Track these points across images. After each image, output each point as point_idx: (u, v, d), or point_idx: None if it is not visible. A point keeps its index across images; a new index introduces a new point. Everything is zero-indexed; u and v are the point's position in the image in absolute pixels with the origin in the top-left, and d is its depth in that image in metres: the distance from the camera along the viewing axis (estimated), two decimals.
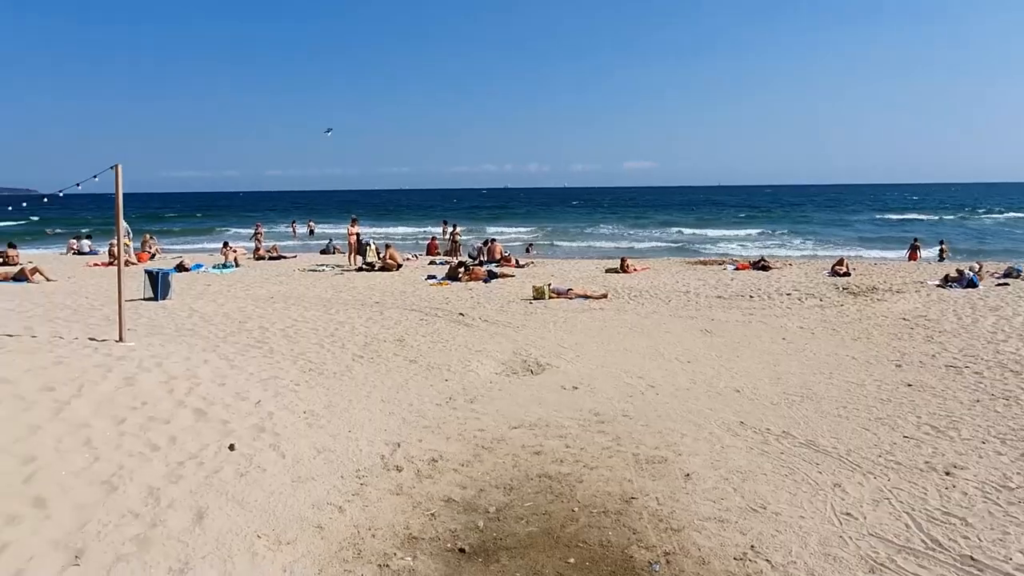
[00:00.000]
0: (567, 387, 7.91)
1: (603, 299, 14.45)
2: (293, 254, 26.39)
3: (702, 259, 23.80)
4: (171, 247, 31.84)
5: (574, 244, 36.01)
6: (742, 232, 43.14)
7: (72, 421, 6.10)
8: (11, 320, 11.34)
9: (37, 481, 4.91)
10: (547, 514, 4.78)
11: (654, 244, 35.95)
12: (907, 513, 4.78)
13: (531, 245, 29.39)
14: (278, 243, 29.95)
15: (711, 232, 44.01)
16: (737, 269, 19.78)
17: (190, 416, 6.48)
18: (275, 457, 5.64)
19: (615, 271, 19.35)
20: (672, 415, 6.90)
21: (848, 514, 4.77)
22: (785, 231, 43.43)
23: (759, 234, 41.95)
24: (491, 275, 18.18)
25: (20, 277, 17.62)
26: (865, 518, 4.71)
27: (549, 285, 14.96)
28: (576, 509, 4.85)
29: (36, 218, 57.34)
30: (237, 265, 21.77)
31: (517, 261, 22.00)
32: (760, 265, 19.80)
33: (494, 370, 8.75)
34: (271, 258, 24.64)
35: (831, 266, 18.85)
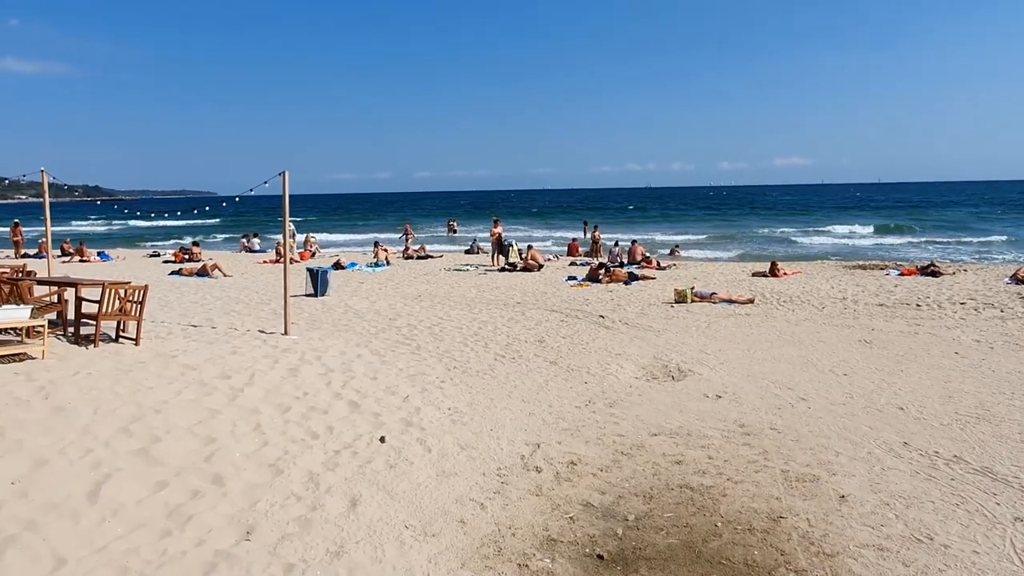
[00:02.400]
0: (710, 395, 7.67)
1: (749, 304, 13.86)
2: (439, 253, 27.43)
3: (861, 263, 22.18)
4: (328, 246, 34.11)
5: (719, 246, 34.74)
6: (901, 235, 39.76)
7: (245, 407, 6.72)
8: (195, 312, 12.63)
9: (216, 460, 5.45)
10: (688, 527, 4.66)
11: (805, 246, 33.94)
12: None
13: (676, 247, 28.69)
14: (426, 244, 31.21)
15: (865, 231, 40.92)
16: (902, 274, 18.26)
17: (345, 408, 6.92)
18: (421, 451, 5.90)
19: (763, 275, 18.49)
20: (825, 431, 6.50)
21: None
22: (952, 231, 39.54)
23: (921, 235, 38.45)
24: (632, 277, 17.97)
25: (202, 272, 19.58)
26: None
27: (692, 288, 14.56)
28: (719, 524, 4.69)
29: (216, 220, 63.40)
30: (388, 264, 22.95)
31: (658, 263, 21.59)
32: (929, 270, 18.15)
33: (634, 374, 8.65)
34: (419, 257, 25.74)
35: (1013, 272, 16.92)
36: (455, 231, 42.12)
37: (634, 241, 23.81)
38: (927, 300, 13.89)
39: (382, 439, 6.10)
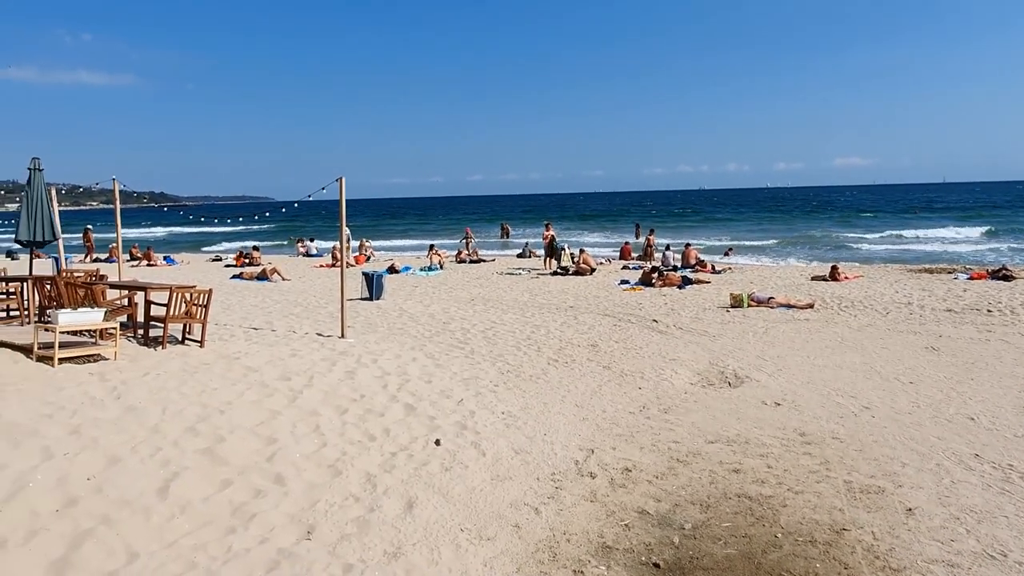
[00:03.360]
0: (768, 403, 7.51)
1: (809, 309, 13.51)
2: (492, 257, 27.57)
3: (927, 266, 21.37)
4: (383, 250, 34.65)
5: (776, 249, 33.96)
6: (972, 235, 38.17)
7: (304, 408, 6.88)
8: (256, 315, 13.00)
9: (277, 460, 5.60)
10: (747, 537, 4.57)
11: (867, 249, 32.90)
12: None
13: (730, 250, 28.19)
14: (478, 247, 31.40)
15: (931, 234, 39.39)
16: (971, 279, 17.53)
17: (401, 410, 7.02)
18: (476, 455, 5.94)
19: (823, 279, 18.00)
20: (890, 441, 6.29)
21: None
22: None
23: (993, 238, 36.82)
24: (686, 281, 17.73)
25: (262, 276, 20.13)
26: None
27: (749, 293, 14.27)
28: (779, 535, 4.59)
29: (271, 226, 65.08)
30: (441, 268, 23.18)
31: (713, 267, 21.25)
32: (1001, 274, 17.38)
33: (689, 380, 8.53)
34: (471, 261, 25.92)
35: None
36: (508, 235, 42.27)
37: (688, 244, 23.49)
38: (999, 305, 13.30)
39: (437, 442, 6.16)
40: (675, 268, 21.05)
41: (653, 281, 17.59)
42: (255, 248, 27.14)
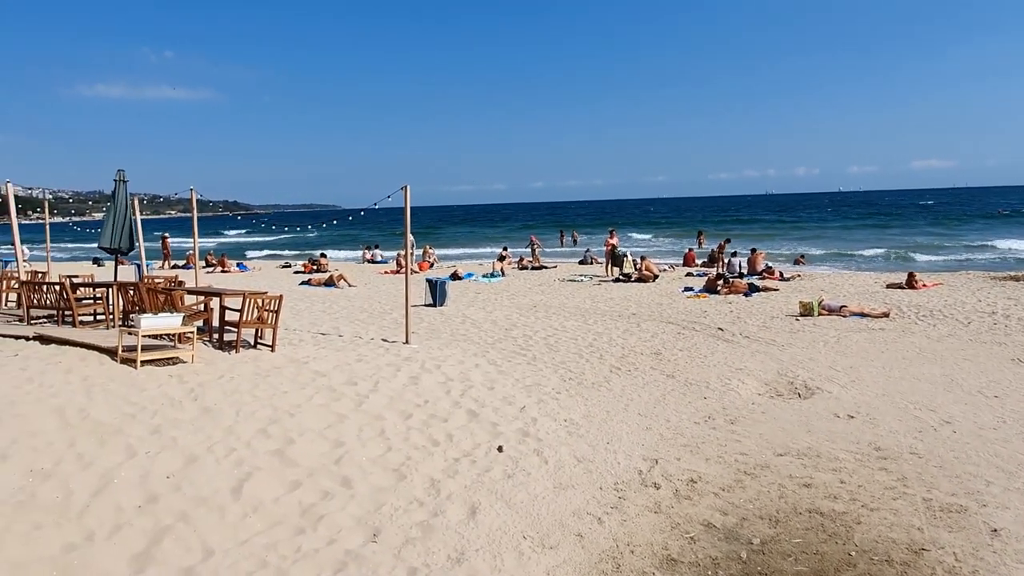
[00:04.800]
0: (841, 415, 7.25)
1: (884, 318, 13.00)
2: (553, 264, 27.55)
3: (1012, 273, 20.26)
4: (446, 257, 35.05)
5: (848, 255, 32.80)
6: None
7: (370, 413, 7.02)
8: (324, 320, 13.34)
9: (344, 463, 5.73)
10: (819, 555, 4.43)
11: (947, 255, 31.44)
12: None
13: (801, 257, 27.35)
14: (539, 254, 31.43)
15: (1019, 241, 37.28)
16: None
17: (464, 416, 7.08)
18: (538, 462, 5.94)
19: (899, 286, 17.30)
20: (974, 458, 5.99)
21: None
22: None
23: None
24: (752, 288, 17.32)
25: (329, 283, 20.65)
26: None
27: (819, 301, 13.84)
28: (853, 553, 4.43)
29: (340, 233, 66.66)
30: (503, 274, 23.30)
31: (781, 274, 20.68)
32: None
33: (756, 390, 8.32)
34: (533, 268, 25.96)
35: None
36: (576, 241, 42.19)
37: (754, 250, 22.93)
38: None
39: (500, 448, 6.19)
40: (741, 275, 20.58)
41: (718, 288, 17.25)
42: (322, 255, 27.86)
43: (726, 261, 22.47)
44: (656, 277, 20.73)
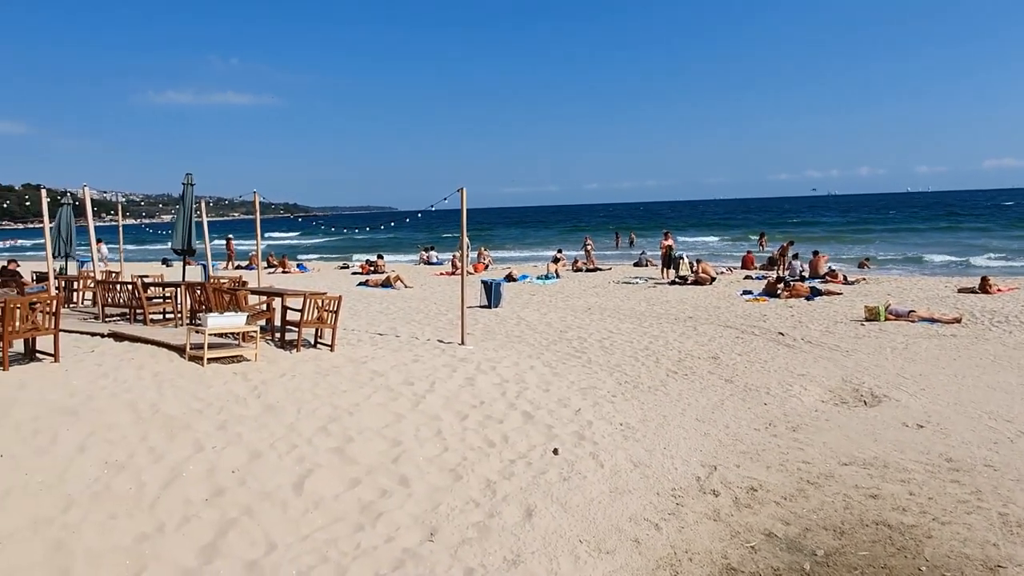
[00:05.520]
0: (909, 424, 6.99)
1: (955, 324, 12.46)
2: (608, 266, 27.36)
3: None
4: (500, 259, 35.19)
5: (917, 259, 31.58)
6: None
7: (427, 413, 7.10)
8: (381, 321, 13.56)
9: (402, 462, 5.80)
10: (887, 568, 4.27)
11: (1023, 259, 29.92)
12: None
13: (867, 259, 26.46)
14: (594, 256, 31.24)
15: None
16: None
17: (519, 418, 7.09)
18: (594, 466, 5.90)
19: (971, 291, 16.56)
20: None
21: None
22: None
23: None
24: (815, 292, 16.85)
25: (387, 284, 20.97)
26: None
27: (886, 305, 13.36)
28: (923, 568, 4.25)
29: (397, 234, 67.66)
30: (558, 276, 23.25)
31: (845, 277, 20.05)
32: None
33: (820, 397, 8.09)
34: (588, 270, 25.84)
35: None
36: (633, 242, 41.84)
37: (816, 253, 22.30)
38: None
39: (555, 451, 6.18)
40: (802, 278, 20.07)
41: (779, 292, 16.84)
42: (379, 256, 28.32)
43: (789, 264, 21.94)
44: (713, 280, 20.38)
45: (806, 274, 20.82)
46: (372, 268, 26.83)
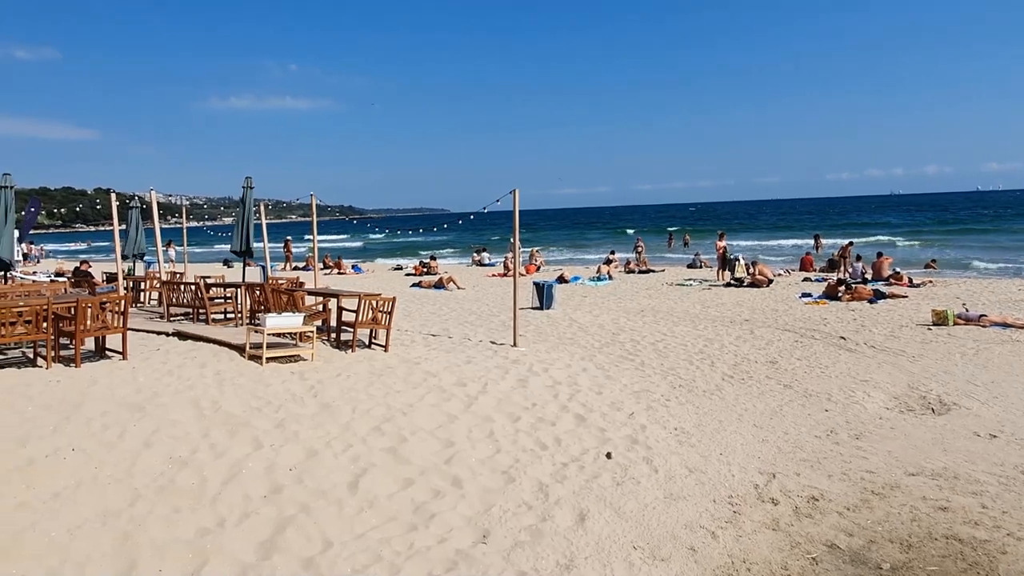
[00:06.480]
0: (982, 434, 6.67)
1: None
2: (661, 268, 27.03)
3: None
4: (552, 260, 35.13)
5: (987, 260, 30.20)
6: None
7: (479, 414, 7.11)
8: (434, 322, 13.67)
9: (454, 463, 5.82)
10: None
11: None
12: None
13: (933, 261, 25.46)
14: (647, 257, 30.90)
15: None
16: None
17: (572, 421, 7.05)
18: (648, 471, 5.81)
19: None
20: None
21: None
22: None
23: None
24: (878, 295, 16.29)
25: (439, 285, 21.15)
26: None
27: (963, 309, 12.81)
28: None
29: (450, 236, 68.24)
30: (610, 278, 23.08)
31: (910, 280, 19.34)
32: None
33: (884, 404, 7.80)
34: (640, 271, 25.57)
35: None
36: (687, 243, 41.28)
37: (880, 254, 21.58)
38: None
39: (608, 455, 6.11)
40: (865, 280, 19.44)
41: (839, 294, 16.35)
42: (432, 258, 28.59)
43: (850, 265, 21.29)
44: (770, 282, 19.92)
45: (868, 276, 20.16)
46: (425, 269, 27.11)
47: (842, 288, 16.59)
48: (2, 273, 12.43)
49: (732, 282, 20.22)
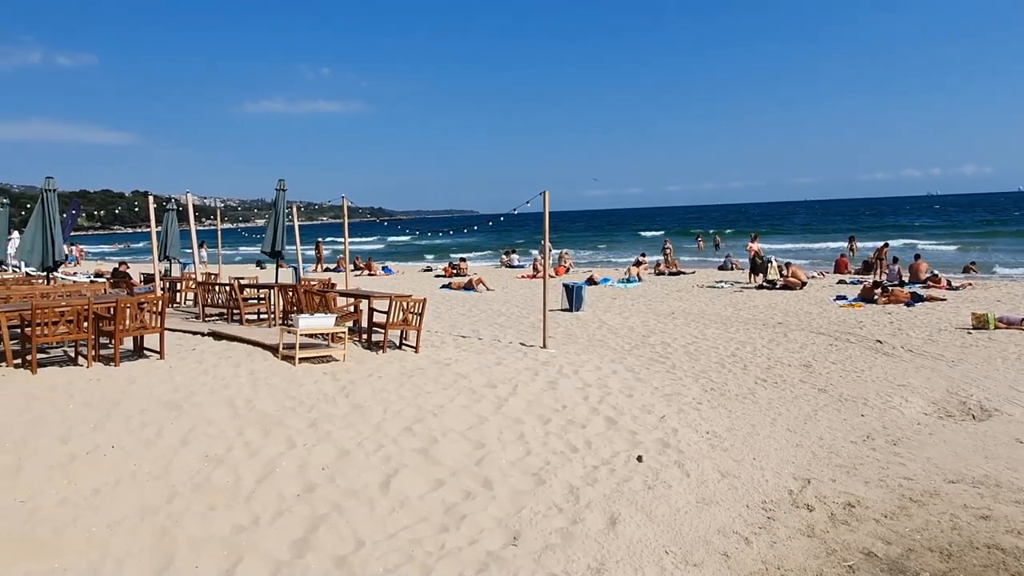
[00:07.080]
0: None
1: None
2: (691, 270, 26.79)
3: None
4: (581, 262, 35.03)
5: None
6: None
7: (509, 416, 7.11)
8: (464, 323, 13.72)
9: (485, 465, 5.83)
10: None
11: None
12: None
13: (972, 263, 24.86)
14: (677, 259, 30.65)
15: None
16: None
17: (602, 423, 7.01)
18: (679, 475, 5.76)
19: None
20: None
21: None
22: None
23: None
24: (915, 298, 15.95)
25: (469, 286, 21.22)
26: None
27: (997, 315, 12.49)
28: None
29: (479, 238, 68.45)
30: (640, 280, 22.94)
31: (949, 282, 18.91)
32: None
33: (922, 409, 7.64)
34: (671, 273, 25.37)
35: None
36: (718, 246, 40.86)
37: (917, 256, 21.14)
38: None
39: (639, 458, 6.07)
40: (902, 283, 19.05)
41: (875, 297, 16.04)
42: (462, 259, 28.69)
43: (887, 267, 20.88)
44: (803, 284, 19.62)
45: (906, 279, 19.75)
46: (455, 271, 27.21)
47: (878, 291, 16.28)
48: (45, 274, 12.77)
49: (764, 284, 19.97)
